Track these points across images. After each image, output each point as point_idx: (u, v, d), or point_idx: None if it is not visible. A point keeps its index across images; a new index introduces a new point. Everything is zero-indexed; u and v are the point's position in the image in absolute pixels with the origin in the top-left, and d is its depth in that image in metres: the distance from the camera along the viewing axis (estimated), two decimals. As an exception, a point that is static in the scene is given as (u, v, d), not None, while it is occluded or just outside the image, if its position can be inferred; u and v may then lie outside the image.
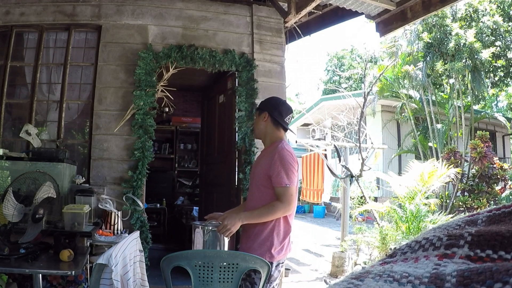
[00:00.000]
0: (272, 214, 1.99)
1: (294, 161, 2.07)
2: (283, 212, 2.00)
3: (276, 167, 2.02)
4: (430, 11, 3.64)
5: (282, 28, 4.23)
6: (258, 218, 2.02)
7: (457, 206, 7.01)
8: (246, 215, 2.04)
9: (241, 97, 3.94)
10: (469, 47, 8.30)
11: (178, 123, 6.80)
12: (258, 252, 1.98)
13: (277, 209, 1.98)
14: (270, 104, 2.23)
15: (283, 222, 2.07)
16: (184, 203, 6.69)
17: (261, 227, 2.03)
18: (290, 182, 2.00)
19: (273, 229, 2.03)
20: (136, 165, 3.60)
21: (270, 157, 2.08)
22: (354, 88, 17.77)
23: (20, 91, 3.94)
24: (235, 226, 1.95)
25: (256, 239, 2.03)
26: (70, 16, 3.79)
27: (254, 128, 2.29)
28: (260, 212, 2.02)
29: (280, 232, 2.05)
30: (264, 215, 2.01)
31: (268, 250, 2.00)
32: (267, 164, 2.07)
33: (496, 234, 0.29)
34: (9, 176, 2.94)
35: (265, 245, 2.01)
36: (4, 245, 2.05)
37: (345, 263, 4.88)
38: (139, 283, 2.31)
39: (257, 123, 2.25)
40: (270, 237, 2.02)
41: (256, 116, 2.28)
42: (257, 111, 2.28)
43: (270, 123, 2.19)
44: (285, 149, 2.08)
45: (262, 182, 2.09)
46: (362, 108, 5.36)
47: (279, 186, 2.00)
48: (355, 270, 1.72)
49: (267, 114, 2.19)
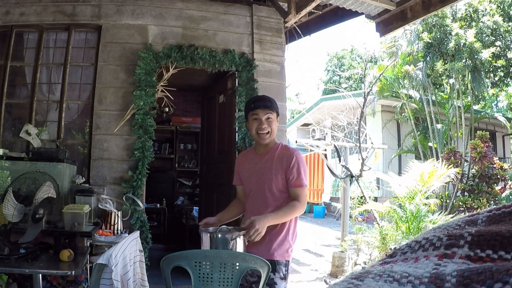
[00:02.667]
0: (293, 214, 2.05)
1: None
2: (301, 211, 2.06)
3: (296, 169, 2.05)
4: (430, 11, 3.64)
5: (282, 28, 4.23)
6: (283, 217, 2.03)
7: (457, 206, 7.01)
8: (273, 216, 2.00)
9: (241, 97, 3.94)
10: (469, 47, 8.30)
11: (178, 123, 6.80)
12: (279, 252, 2.03)
13: (298, 208, 2.03)
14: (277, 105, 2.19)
15: (295, 223, 2.13)
16: (184, 203, 6.69)
17: (280, 229, 2.06)
18: (307, 183, 2.09)
19: (289, 229, 2.09)
20: (136, 165, 3.60)
21: (283, 160, 2.07)
22: (354, 88, 17.76)
23: (20, 91, 3.94)
24: (265, 229, 1.90)
25: (275, 241, 2.04)
26: (70, 16, 3.79)
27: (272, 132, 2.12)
28: (284, 212, 2.03)
29: (294, 232, 2.12)
30: (287, 214, 2.03)
31: (287, 250, 2.06)
32: (281, 167, 2.06)
33: (496, 234, 0.29)
34: (9, 176, 2.94)
35: (284, 245, 2.05)
36: (4, 245, 2.05)
37: (345, 263, 4.87)
38: (139, 283, 2.31)
39: (276, 126, 2.14)
40: (287, 237, 2.07)
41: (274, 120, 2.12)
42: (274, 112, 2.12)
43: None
44: (299, 152, 2.12)
45: (277, 186, 2.07)
46: (362, 108, 5.36)
47: (298, 187, 2.04)
48: (355, 270, 1.72)
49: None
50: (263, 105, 2.10)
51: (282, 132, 4.10)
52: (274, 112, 2.11)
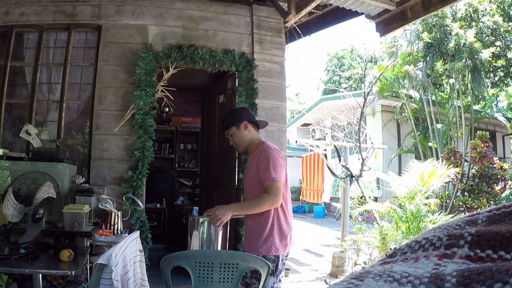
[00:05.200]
0: (260, 205, 2.10)
1: (279, 156, 2.17)
2: (271, 204, 2.09)
3: (263, 164, 2.13)
4: (430, 11, 3.64)
5: (282, 28, 4.23)
6: (247, 209, 2.17)
7: (457, 206, 7.01)
8: (236, 206, 2.22)
9: (241, 97, 3.94)
10: (469, 47, 8.30)
11: (178, 123, 6.80)
12: (264, 248, 2.10)
13: (265, 200, 2.08)
14: (242, 113, 2.33)
15: (284, 221, 2.18)
16: (184, 203, 6.69)
17: (263, 225, 2.14)
18: (277, 176, 2.09)
19: (273, 225, 2.14)
20: (136, 165, 3.60)
21: (257, 157, 2.20)
22: (354, 88, 17.76)
23: (20, 91, 3.94)
24: (226, 216, 2.08)
25: (259, 238, 2.13)
26: (70, 16, 3.79)
27: (240, 143, 2.32)
28: (249, 203, 2.17)
29: (281, 230, 2.16)
30: (252, 206, 2.13)
31: (273, 245, 2.11)
32: (256, 165, 2.18)
33: (496, 234, 0.29)
34: (9, 176, 2.94)
35: (269, 241, 2.11)
36: (4, 245, 2.05)
37: (345, 263, 4.88)
38: (139, 283, 2.31)
39: (240, 136, 2.29)
40: (272, 233, 2.13)
41: (234, 132, 2.29)
42: (230, 128, 2.30)
43: (252, 129, 2.31)
44: (270, 147, 2.18)
45: (255, 183, 2.20)
46: (362, 108, 5.36)
47: (267, 181, 2.10)
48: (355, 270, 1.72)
49: (247, 122, 2.29)
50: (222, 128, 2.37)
51: (282, 132, 4.10)
52: (230, 128, 2.31)
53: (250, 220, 2.20)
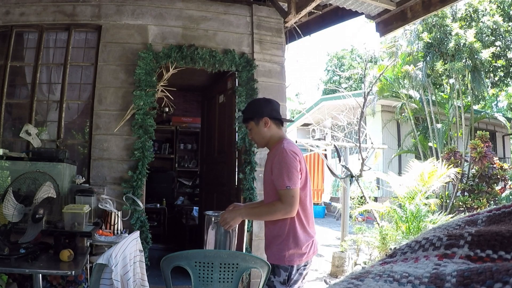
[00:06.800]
0: (271, 214, 2.00)
1: (295, 161, 2.00)
2: (284, 213, 1.96)
3: (276, 170, 1.99)
4: (430, 11, 3.64)
5: (282, 28, 4.23)
6: (259, 216, 2.14)
7: (457, 206, 7.01)
8: (248, 211, 2.15)
9: (241, 97, 3.94)
10: (469, 47, 8.30)
11: (178, 123, 6.80)
12: (278, 257, 2.02)
13: (277, 209, 1.96)
14: (263, 108, 2.16)
15: (300, 230, 2.04)
16: (184, 203, 6.69)
17: (279, 234, 2.04)
18: (291, 184, 1.94)
19: (288, 236, 2.02)
20: (136, 165, 3.60)
21: (272, 160, 2.06)
22: (354, 88, 17.76)
23: (20, 91, 3.94)
24: (235, 221, 2.03)
25: (274, 246, 2.06)
26: (70, 16, 3.79)
27: (258, 139, 2.17)
28: (260, 210, 2.11)
29: (297, 239, 2.02)
30: (264, 213, 2.08)
31: (286, 255, 2.00)
32: (270, 169, 2.05)
33: (496, 234, 0.29)
34: (9, 176, 2.94)
35: (283, 250, 2.01)
36: (4, 245, 2.05)
37: (345, 263, 4.88)
38: (139, 283, 2.31)
39: (259, 132, 2.14)
40: (287, 243, 2.01)
41: (252, 127, 2.16)
42: (249, 122, 2.16)
43: (273, 125, 2.15)
44: (286, 149, 2.01)
45: (270, 187, 2.08)
46: (362, 108, 5.36)
47: (280, 189, 1.97)
48: (355, 270, 1.73)
49: (267, 119, 2.13)
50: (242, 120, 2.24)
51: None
52: (248, 122, 2.17)
53: (266, 227, 2.14)
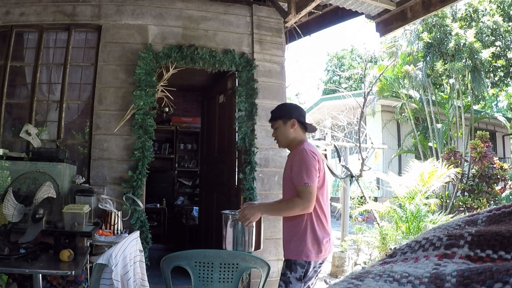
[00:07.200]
0: (290, 209, 2.08)
1: (314, 160, 2.11)
2: (302, 209, 2.05)
3: (296, 167, 2.10)
4: (430, 11, 3.64)
5: (282, 28, 4.23)
6: (277, 211, 2.20)
7: (457, 206, 7.01)
8: (266, 206, 2.25)
9: (241, 97, 3.94)
10: (469, 47, 8.30)
11: (178, 123, 6.80)
12: (295, 252, 2.09)
13: (296, 204, 2.05)
14: (292, 111, 2.28)
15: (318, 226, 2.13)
16: (184, 203, 6.69)
17: (296, 230, 2.12)
18: (309, 181, 2.05)
19: (305, 232, 2.10)
20: (136, 165, 3.60)
21: (292, 159, 2.18)
22: (354, 88, 17.75)
23: (20, 91, 3.94)
24: (254, 216, 2.09)
25: (291, 241, 2.13)
26: (70, 16, 3.79)
27: (281, 139, 2.27)
28: (279, 206, 2.19)
29: (315, 235, 2.11)
30: (282, 209, 2.15)
31: (304, 250, 2.08)
32: (290, 167, 2.16)
33: (496, 234, 0.29)
34: (9, 176, 2.94)
35: (301, 246, 2.09)
36: (4, 245, 2.05)
37: (345, 263, 4.88)
38: (139, 283, 2.31)
39: (285, 132, 2.25)
40: (304, 239, 2.10)
41: (279, 126, 2.26)
42: (277, 121, 2.26)
43: (298, 129, 2.27)
44: (306, 149, 2.13)
45: (288, 185, 2.18)
46: (362, 108, 5.36)
47: (299, 185, 2.06)
48: (355, 270, 1.73)
49: (295, 121, 2.25)
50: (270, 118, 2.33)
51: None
52: (276, 121, 2.27)
53: (284, 223, 2.21)
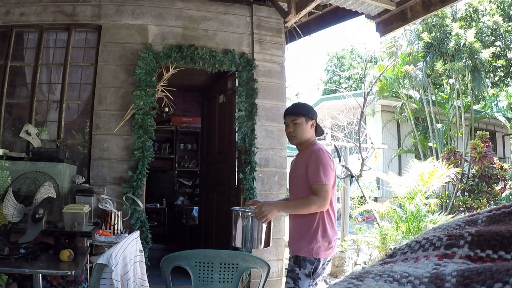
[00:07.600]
0: (307, 207, 2.11)
1: (330, 160, 2.18)
2: (318, 207, 2.09)
3: (313, 166, 2.13)
4: (430, 11, 3.64)
5: (282, 28, 4.23)
6: (294, 208, 2.20)
7: (457, 206, 7.01)
8: (283, 204, 2.27)
9: (241, 97, 3.94)
10: (469, 47, 8.30)
11: (178, 123, 6.80)
12: (306, 250, 2.12)
13: (313, 202, 2.08)
14: (314, 112, 2.34)
15: (329, 225, 2.18)
16: (184, 203, 6.69)
17: (308, 226, 2.15)
18: (326, 180, 2.10)
19: (317, 230, 2.14)
20: (136, 165, 3.60)
21: (307, 158, 2.20)
22: (354, 88, 17.74)
23: (20, 91, 3.94)
24: (272, 213, 2.11)
25: (302, 239, 2.15)
26: (70, 16, 3.79)
27: (298, 135, 2.29)
28: (296, 203, 2.20)
29: (325, 233, 2.16)
30: (300, 206, 2.16)
31: (315, 247, 2.12)
32: (305, 166, 2.18)
33: (496, 234, 0.29)
34: (9, 176, 2.94)
35: (312, 243, 2.12)
36: (4, 245, 2.05)
37: (345, 263, 4.87)
38: (139, 283, 2.31)
39: (305, 130, 2.28)
40: (315, 237, 2.13)
41: (301, 123, 2.28)
42: (301, 117, 2.28)
43: (314, 130, 2.33)
44: (323, 149, 2.20)
45: (301, 184, 2.21)
46: (362, 108, 5.36)
47: (316, 184, 2.10)
48: (355, 270, 1.73)
49: (315, 122, 2.31)
50: (288, 112, 2.34)
51: (282, 132, 4.09)
52: (300, 117, 2.28)
53: (294, 221, 2.23)
